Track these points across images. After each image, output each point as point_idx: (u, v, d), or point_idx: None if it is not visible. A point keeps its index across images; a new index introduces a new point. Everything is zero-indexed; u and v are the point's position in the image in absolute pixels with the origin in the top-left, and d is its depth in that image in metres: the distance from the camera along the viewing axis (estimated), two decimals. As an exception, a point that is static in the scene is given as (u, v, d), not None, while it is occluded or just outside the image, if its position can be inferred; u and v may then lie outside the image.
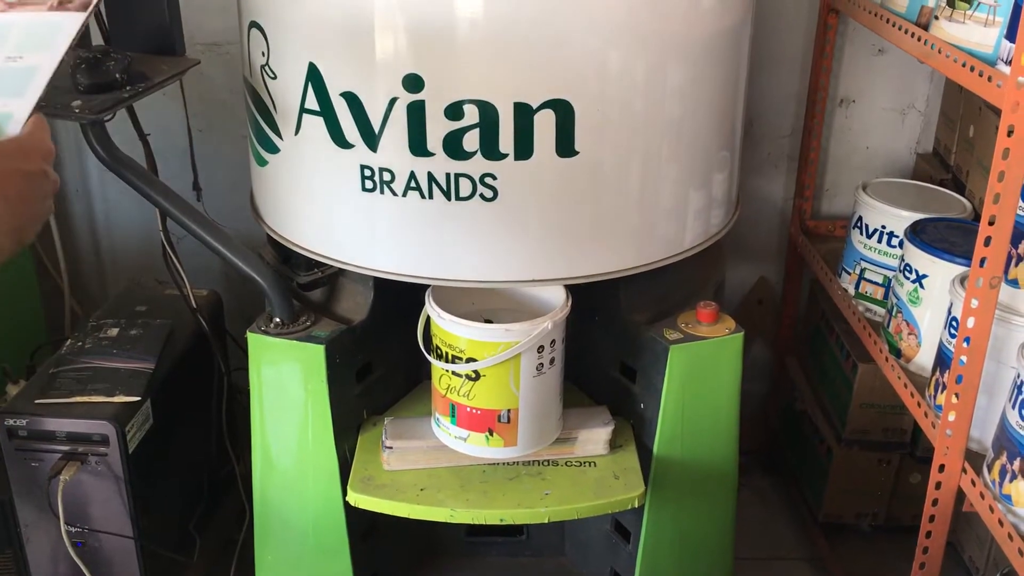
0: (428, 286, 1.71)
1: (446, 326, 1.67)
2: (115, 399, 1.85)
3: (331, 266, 1.78)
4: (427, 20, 1.52)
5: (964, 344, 1.60)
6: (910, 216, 2.04)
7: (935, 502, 1.72)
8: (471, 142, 1.55)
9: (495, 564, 2.17)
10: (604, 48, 1.56)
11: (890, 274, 2.07)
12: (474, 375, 1.67)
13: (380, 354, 1.89)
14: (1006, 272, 1.58)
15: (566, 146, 1.56)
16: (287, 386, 1.78)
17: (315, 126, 1.63)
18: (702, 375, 1.79)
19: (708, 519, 1.94)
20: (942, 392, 1.72)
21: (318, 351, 1.72)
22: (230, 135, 2.43)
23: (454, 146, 1.55)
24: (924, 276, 1.88)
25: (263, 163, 1.80)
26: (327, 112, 1.60)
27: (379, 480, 1.76)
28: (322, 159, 1.65)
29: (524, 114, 1.53)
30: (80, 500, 1.85)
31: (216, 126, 2.44)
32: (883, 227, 2.11)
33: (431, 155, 1.56)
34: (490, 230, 1.63)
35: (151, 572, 1.94)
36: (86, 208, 2.60)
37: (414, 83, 1.53)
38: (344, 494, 1.77)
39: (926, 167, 2.48)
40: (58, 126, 2.51)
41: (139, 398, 1.87)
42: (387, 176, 1.60)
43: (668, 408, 1.77)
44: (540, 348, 1.67)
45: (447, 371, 1.70)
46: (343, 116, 1.59)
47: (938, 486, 1.70)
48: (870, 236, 2.13)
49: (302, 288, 1.84)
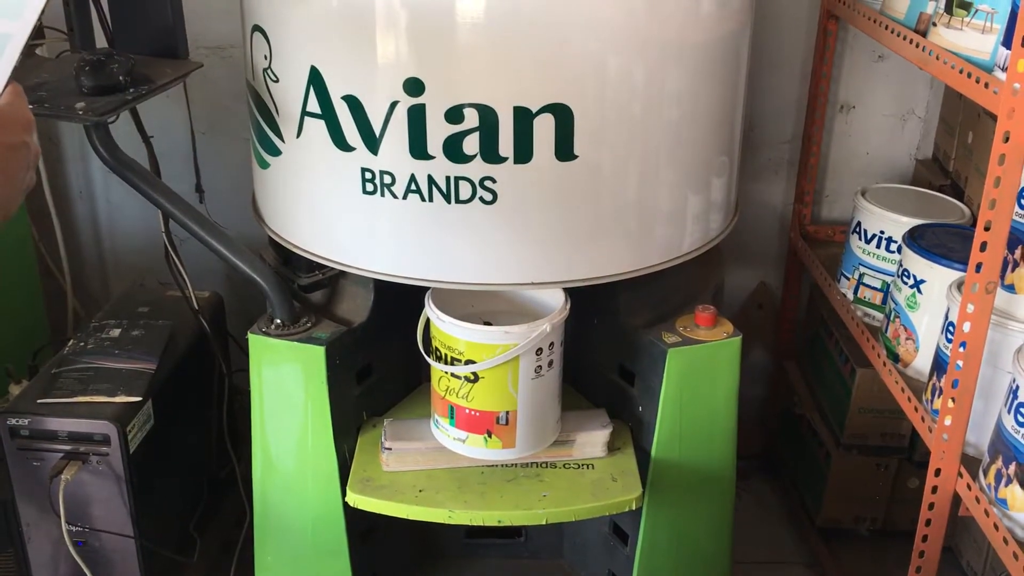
0: (428, 288, 1.72)
1: (445, 328, 1.68)
2: (117, 399, 1.85)
3: (332, 268, 1.79)
4: (428, 24, 1.53)
5: (960, 349, 1.61)
6: (909, 222, 2.04)
7: (931, 506, 1.72)
8: (471, 145, 1.56)
9: (493, 565, 2.18)
10: (604, 53, 1.57)
11: (889, 279, 2.08)
12: (473, 377, 1.68)
13: (380, 356, 1.90)
14: (1002, 277, 1.59)
15: (565, 150, 1.57)
16: (287, 387, 1.79)
17: (317, 129, 1.64)
18: (700, 379, 1.79)
19: (706, 522, 1.94)
20: (939, 397, 1.72)
21: (318, 352, 1.73)
22: (232, 137, 2.44)
23: (454, 149, 1.56)
24: (922, 281, 1.89)
25: (265, 165, 1.81)
26: (328, 115, 1.62)
27: (378, 481, 1.77)
28: (323, 162, 1.67)
29: (524, 118, 1.54)
30: (81, 500, 1.86)
31: (218, 128, 2.46)
32: (882, 232, 2.12)
33: (431, 158, 1.57)
34: (490, 233, 1.64)
35: (151, 572, 1.95)
36: (89, 209, 2.62)
37: (415, 87, 1.54)
38: (343, 495, 1.77)
39: (925, 173, 2.49)
40: (62, 128, 2.52)
41: (140, 398, 1.87)
42: (388, 179, 1.61)
43: (666, 411, 1.78)
44: (539, 350, 1.68)
45: (446, 373, 1.71)
46: (344, 119, 1.60)
47: (934, 490, 1.71)
48: (869, 241, 2.14)
49: (303, 290, 1.85)
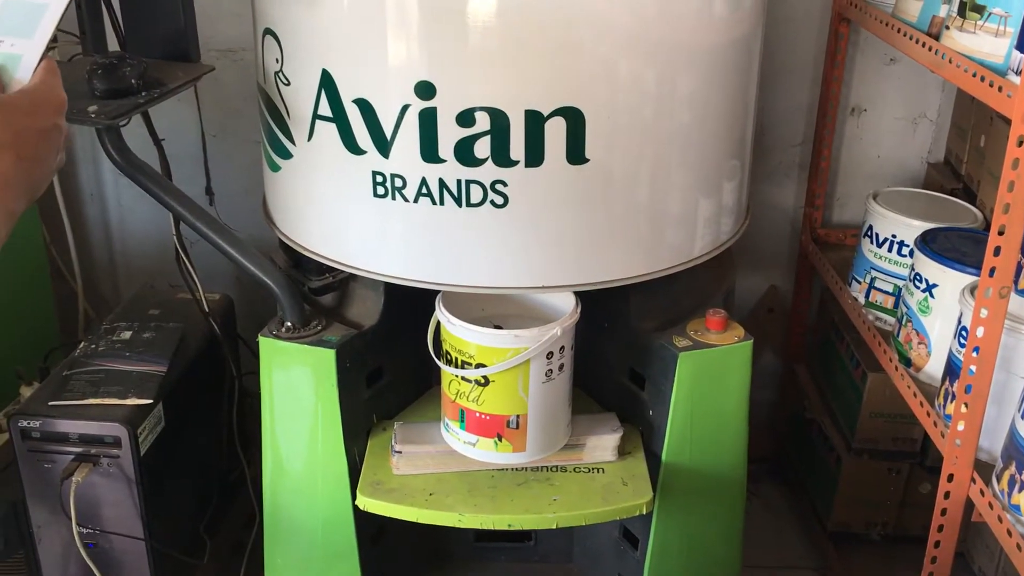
0: (438, 292, 1.72)
1: (456, 331, 1.68)
2: (127, 402, 1.86)
3: (342, 271, 1.79)
4: (439, 27, 1.53)
5: (973, 354, 1.60)
6: (921, 225, 2.03)
7: (944, 512, 1.71)
8: (482, 149, 1.55)
9: (503, 569, 2.17)
10: (615, 57, 1.57)
11: (900, 283, 2.07)
12: (483, 380, 1.68)
13: (390, 359, 1.90)
14: (1016, 282, 1.58)
15: (577, 153, 1.57)
16: (298, 390, 1.79)
17: (328, 132, 1.64)
18: (711, 383, 1.79)
19: (716, 527, 1.94)
20: (951, 402, 1.71)
21: (329, 355, 1.73)
22: (243, 140, 2.45)
23: (465, 153, 1.56)
24: (934, 285, 1.88)
25: (276, 168, 1.81)
26: (340, 118, 1.62)
27: (388, 484, 1.77)
28: (335, 165, 1.67)
29: (535, 121, 1.53)
30: (92, 501, 1.87)
31: (229, 131, 2.46)
32: (894, 236, 2.11)
33: (442, 161, 1.57)
34: (500, 236, 1.63)
35: (161, 574, 1.95)
36: (100, 212, 2.62)
37: (426, 90, 1.54)
38: (353, 498, 1.77)
39: (937, 176, 2.48)
40: (74, 130, 2.52)
41: (151, 401, 1.88)
42: (399, 182, 1.61)
43: (677, 415, 1.78)
44: (549, 354, 1.67)
45: (457, 376, 1.71)
46: (356, 123, 1.60)
47: (947, 496, 1.70)
48: (880, 245, 2.13)
49: (313, 292, 1.85)
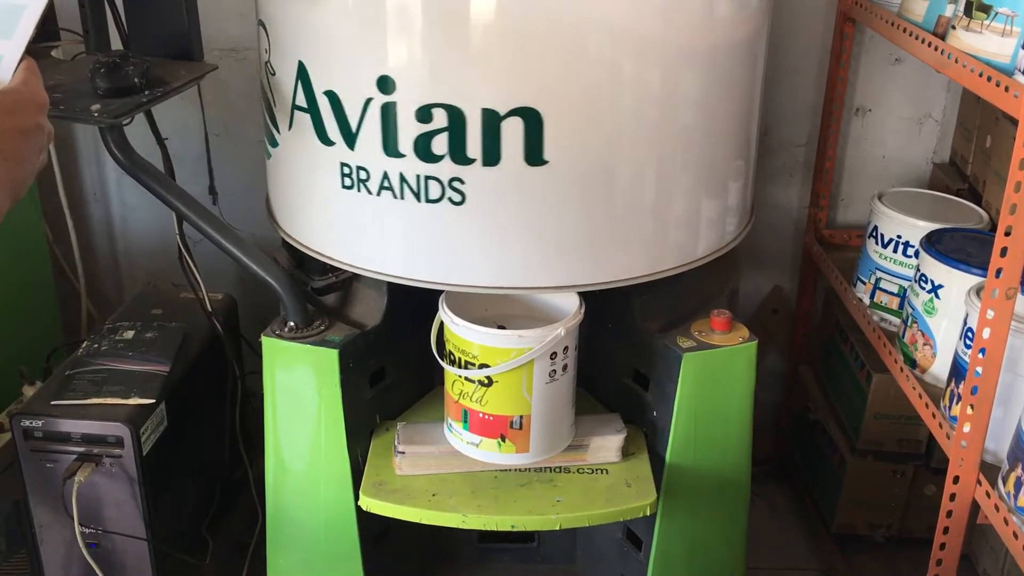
0: (441, 292, 1.71)
1: (459, 332, 1.67)
2: (130, 401, 1.86)
3: (345, 271, 1.79)
4: (399, 22, 1.55)
5: (980, 355, 1.60)
6: (926, 226, 2.03)
7: (949, 514, 1.71)
8: (440, 146, 1.56)
9: (505, 570, 2.17)
10: (575, 55, 1.55)
11: (905, 284, 2.06)
12: (487, 381, 1.68)
13: (393, 359, 1.89)
14: (1023, 283, 1.57)
15: (535, 155, 1.56)
16: (300, 390, 1.78)
17: (304, 122, 1.67)
18: (715, 383, 1.78)
19: (720, 528, 1.93)
20: (957, 403, 1.71)
21: (332, 355, 1.73)
22: (246, 139, 2.45)
23: (424, 149, 1.57)
24: (940, 286, 1.87)
25: (268, 156, 1.85)
26: (313, 109, 1.64)
27: (391, 485, 1.76)
28: (309, 155, 1.70)
29: (491, 121, 1.54)
30: (94, 501, 1.86)
31: (232, 130, 2.46)
32: (899, 237, 2.10)
33: (403, 156, 1.58)
34: (458, 233, 1.64)
35: (163, 574, 1.95)
36: (103, 211, 2.62)
37: (387, 85, 1.55)
38: (356, 498, 1.77)
39: (942, 177, 2.47)
40: (76, 130, 2.53)
41: (154, 400, 1.88)
42: (363, 175, 1.63)
43: (681, 416, 1.77)
44: (553, 355, 1.67)
45: (460, 377, 1.70)
46: (326, 114, 1.63)
47: (952, 498, 1.69)
48: (885, 246, 2.12)
49: (316, 292, 1.85)
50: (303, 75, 1.64)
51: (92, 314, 2.58)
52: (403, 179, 1.60)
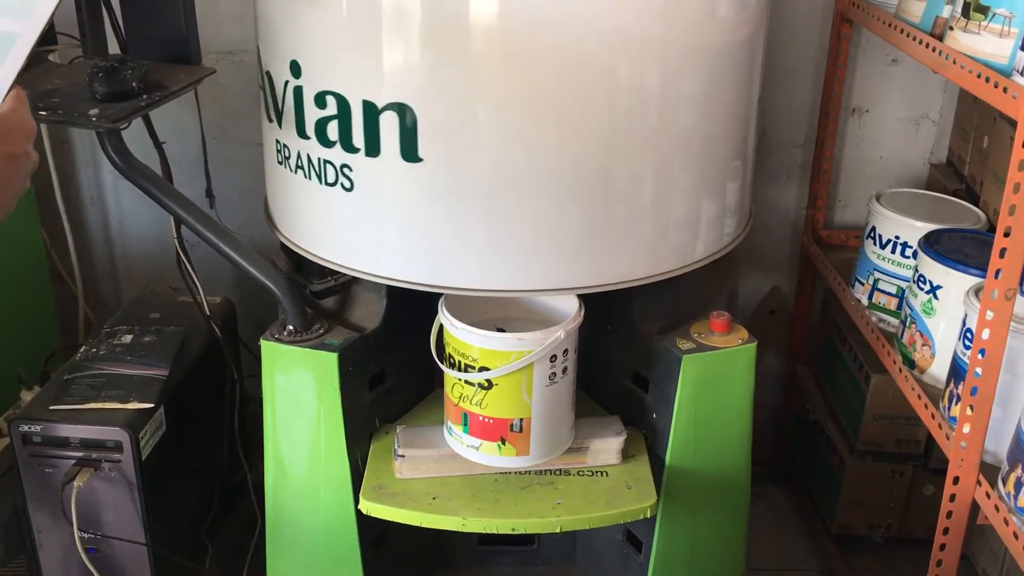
0: (441, 294, 1.71)
1: (459, 335, 1.67)
2: (129, 406, 1.85)
3: (344, 274, 1.79)
4: (305, 10, 1.62)
5: (979, 356, 1.60)
6: (924, 227, 2.03)
7: (949, 514, 1.71)
8: (333, 132, 1.63)
9: (506, 573, 2.17)
10: (444, 53, 1.58)
11: (904, 285, 2.06)
12: (487, 384, 1.67)
13: (393, 362, 1.89)
14: (1021, 284, 1.57)
15: (409, 151, 1.59)
16: (300, 393, 1.78)
17: (262, 100, 1.80)
18: (715, 385, 1.78)
19: (720, 529, 1.93)
20: (956, 404, 1.71)
21: (331, 359, 1.73)
22: (244, 143, 2.44)
23: (321, 133, 1.65)
24: (938, 287, 1.87)
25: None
26: (263, 88, 1.77)
27: (391, 488, 1.76)
28: (264, 130, 1.82)
29: (371, 113, 1.58)
30: (93, 506, 1.86)
31: (229, 133, 2.46)
32: (897, 238, 2.10)
33: (308, 138, 1.67)
34: (348, 218, 1.69)
35: (163, 579, 1.95)
36: (100, 215, 2.62)
37: (295, 69, 1.66)
38: (356, 502, 1.77)
39: (940, 177, 2.47)
40: (73, 133, 2.52)
41: (152, 405, 1.87)
42: (287, 152, 1.74)
43: (681, 418, 1.77)
44: (553, 357, 1.67)
45: (460, 380, 1.70)
46: (268, 92, 1.75)
47: (952, 498, 1.70)
48: (884, 247, 2.13)
49: (315, 296, 1.85)
50: (258, 56, 1.78)
51: (89, 318, 2.58)
52: (309, 160, 1.70)
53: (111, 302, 2.68)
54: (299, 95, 1.65)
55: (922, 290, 1.91)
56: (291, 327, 1.78)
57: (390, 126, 1.57)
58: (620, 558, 2.01)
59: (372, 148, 1.60)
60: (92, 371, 1.93)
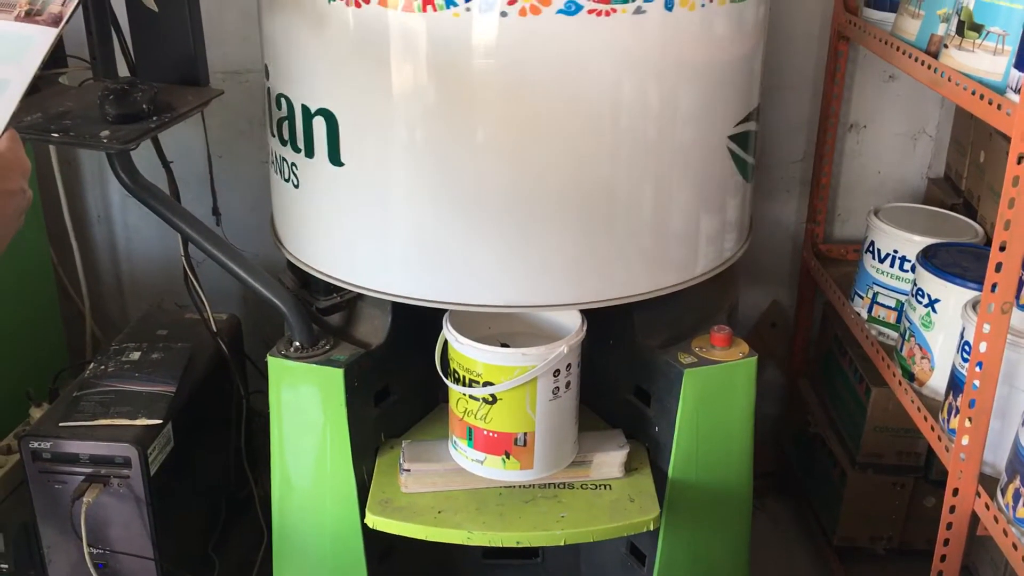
0: (445, 311, 1.73)
1: (463, 350, 1.69)
2: (137, 422, 1.87)
3: (350, 291, 1.81)
4: (270, 18, 1.74)
5: (977, 369, 1.62)
6: (922, 241, 2.05)
7: (949, 526, 1.72)
8: (286, 132, 1.76)
9: (510, 586, 2.18)
10: (366, 61, 1.64)
11: (903, 298, 2.08)
12: (491, 399, 1.69)
13: (398, 378, 1.91)
14: (1018, 297, 1.60)
15: (334, 155, 1.68)
16: (306, 409, 1.80)
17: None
18: (716, 399, 1.80)
19: (723, 542, 1.94)
20: (955, 416, 1.73)
21: (337, 375, 1.75)
22: (248, 161, 2.47)
23: (279, 132, 1.78)
24: (936, 300, 1.89)
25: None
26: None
27: (397, 502, 1.78)
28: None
29: (306, 117, 1.69)
30: (102, 522, 1.87)
31: (235, 152, 2.48)
32: (895, 252, 2.13)
33: (274, 136, 1.81)
34: (297, 215, 1.79)
35: (171, 593, 1.96)
36: (107, 234, 2.64)
37: (267, 71, 1.81)
38: (362, 516, 1.78)
39: (937, 192, 2.50)
40: (80, 152, 2.55)
41: (161, 421, 1.89)
42: (271, 155, 1.86)
43: (682, 431, 1.79)
44: (556, 372, 1.69)
45: (464, 394, 1.72)
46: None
47: (952, 510, 1.71)
48: (882, 261, 2.15)
49: (321, 312, 1.87)
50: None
51: (96, 335, 2.60)
52: (275, 156, 1.83)
53: (118, 319, 2.70)
54: (269, 96, 1.79)
55: (920, 303, 1.93)
56: (297, 343, 1.79)
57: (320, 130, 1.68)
58: (623, 571, 2.03)
59: (308, 150, 1.72)
60: (101, 388, 1.95)
